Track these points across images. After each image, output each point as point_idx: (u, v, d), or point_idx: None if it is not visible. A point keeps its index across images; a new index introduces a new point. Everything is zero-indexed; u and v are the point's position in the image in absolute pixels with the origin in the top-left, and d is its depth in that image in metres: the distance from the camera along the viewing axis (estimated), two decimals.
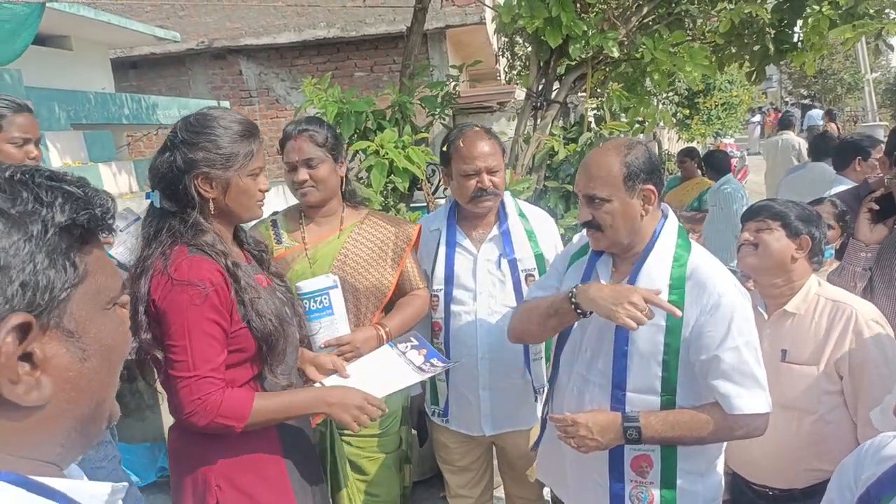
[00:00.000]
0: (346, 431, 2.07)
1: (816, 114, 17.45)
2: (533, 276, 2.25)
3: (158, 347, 1.51)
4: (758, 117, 21.79)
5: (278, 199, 2.18)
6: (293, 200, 2.24)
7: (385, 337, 2.09)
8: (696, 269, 1.64)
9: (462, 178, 2.18)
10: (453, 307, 2.23)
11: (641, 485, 1.68)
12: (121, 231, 2.07)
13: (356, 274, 2.13)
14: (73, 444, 0.70)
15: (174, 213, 1.56)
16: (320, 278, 1.99)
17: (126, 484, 0.74)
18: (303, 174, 2.07)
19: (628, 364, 1.65)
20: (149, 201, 1.61)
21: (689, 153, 6.35)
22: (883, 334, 1.83)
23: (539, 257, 2.27)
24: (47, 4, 3.69)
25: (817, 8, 3.59)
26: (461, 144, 2.20)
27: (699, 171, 6.13)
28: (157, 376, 1.58)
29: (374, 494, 2.16)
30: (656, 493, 1.67)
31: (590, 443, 1.60)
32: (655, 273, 1.65)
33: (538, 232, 2.31)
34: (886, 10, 3.61)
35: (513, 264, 2.23)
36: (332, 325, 1.99)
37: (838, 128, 11.69)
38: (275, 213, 2.22)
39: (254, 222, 2.03)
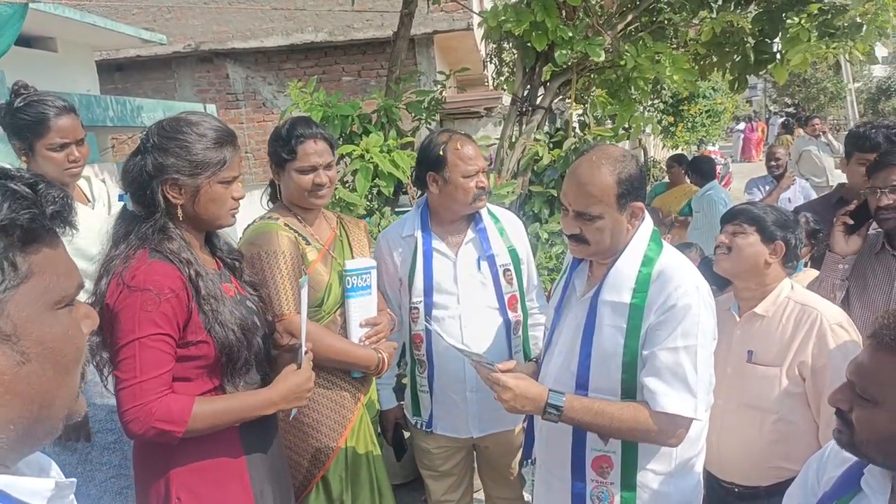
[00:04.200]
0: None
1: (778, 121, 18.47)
2: (509, 270, 2.29)
3: (107, 350, 1.49)
4: (742, 125, 22.01)
5: (253, 206, 2.10)
6: (257, 210, 2.18)
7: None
8: (663, 270, 1.63)
9: (464, 180, 2.20)
10: (436, 313, 2.24)
11: (602, 485, 1.69)
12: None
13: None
14: (15, 444, 0.67)
15: (143, 218, 1.54)
16: (364, 259, 2.12)
17: (74, 480, 0.72)
18: (325, 177, 2.06)
19: (591, 364, 1.67)
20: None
21: (678, 160, 6.43)
22: (847, 338, 1.86)
23: (512, 251, 2.31)
24: (31, 5, 3.68)
25: (796, 20, 3.66)
26: (458, 147, 2.22)
27: (686, 178, 6.21)
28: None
29: None
30: (617, 494, 1.68)
31: (514, 404, 1.63)
32: (623, 276, 1.66)
33: (508, 230, 2.35)
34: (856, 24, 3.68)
35: (491, 260, 2.26)
36: (367, 305, 2.09)
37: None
38: (268, 218, 2.10)
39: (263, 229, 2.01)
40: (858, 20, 3.62)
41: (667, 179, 6.50)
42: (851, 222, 2.27)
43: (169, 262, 1.51)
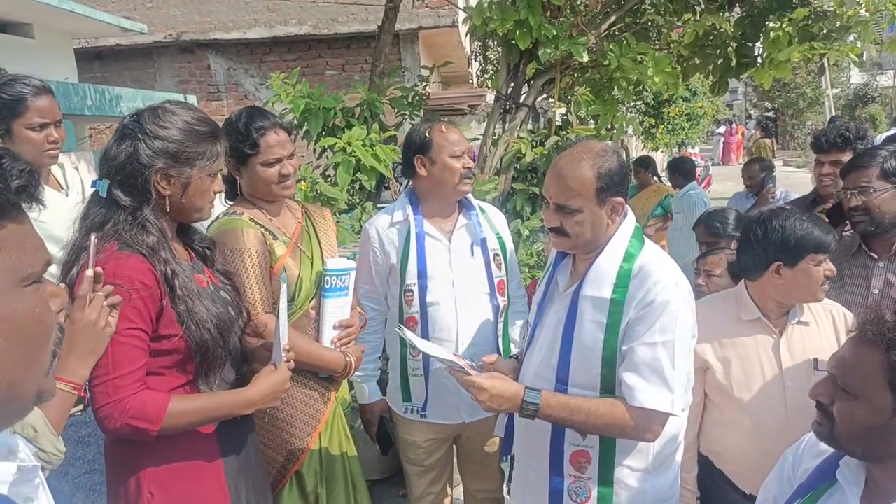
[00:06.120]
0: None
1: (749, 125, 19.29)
2: (498, 255, 2.33)
3: None
4: (722, 129, 22.27)
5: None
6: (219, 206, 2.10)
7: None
8: (643, 266, 1.65)
9: (451, 160, 2.23)
10: (429, 299, 2.25)
11: (580, 480, 1.70)
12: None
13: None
14: None
15: (124, 207, 1.49)
16: (344, 259, 2.08)
17: (38, 464, 0.70)
18: (290, 166, 2.03)
19: (571, 359, 1.67)
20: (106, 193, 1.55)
21: (642, 162, 6.41)
22: None
23: (499, 238, 2.37)
24: None
25: (777, 24, 3.71)
26: (444, 130, 2.26)
27: (654, 179, 6.23)
28: None
29: None
30: (594, 489, 1.69)
31: (490, 404, 1.63)
32: (604, 272, 1.67)
33: (494, 220, 2.41)
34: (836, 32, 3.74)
35: (483, 245, 2.30)
36: (343, 306, 2.06)
37: (770, 144, 11.56)
38: (232, 214, 2.03)
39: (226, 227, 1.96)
40: (844, 24, 3.67)
41: (634, 182, 6.51)
42: (825, 220, 2.30)
43: (140, 256, 1.47)
